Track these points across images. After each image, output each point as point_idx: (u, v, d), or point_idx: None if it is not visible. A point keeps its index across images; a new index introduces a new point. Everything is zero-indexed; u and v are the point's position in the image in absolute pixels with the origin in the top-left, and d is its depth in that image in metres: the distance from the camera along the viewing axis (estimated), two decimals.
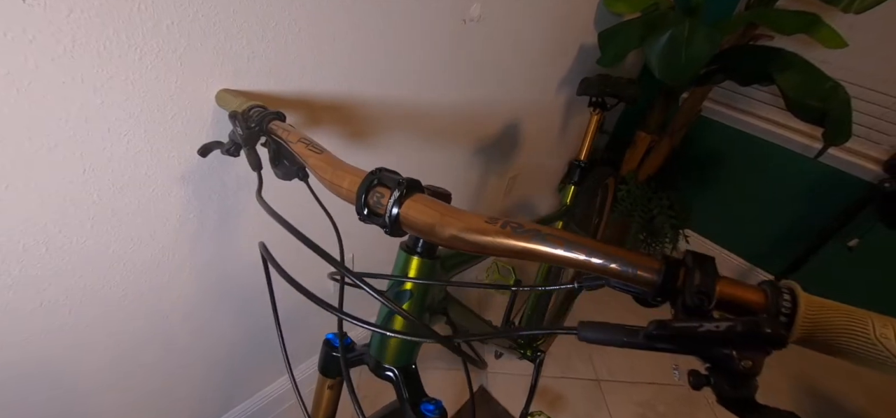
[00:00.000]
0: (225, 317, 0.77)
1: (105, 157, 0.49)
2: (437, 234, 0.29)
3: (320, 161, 0.36)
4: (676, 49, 1.02)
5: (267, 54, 0.57)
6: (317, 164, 0.36)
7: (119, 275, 0.58)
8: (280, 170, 0.45)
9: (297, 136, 0.39)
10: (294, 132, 0.41)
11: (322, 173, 0.36)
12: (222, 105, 0.53)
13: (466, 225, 0.28)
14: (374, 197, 0.32)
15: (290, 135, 0.40)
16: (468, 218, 0.28)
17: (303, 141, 0.39)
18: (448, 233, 0.28)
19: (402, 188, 0.31)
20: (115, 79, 0.46)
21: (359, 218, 0.33)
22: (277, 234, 0.37)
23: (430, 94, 0.85)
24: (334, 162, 0.36)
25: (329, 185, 0.36)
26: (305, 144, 0.38)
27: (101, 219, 0.53)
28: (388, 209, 0.30)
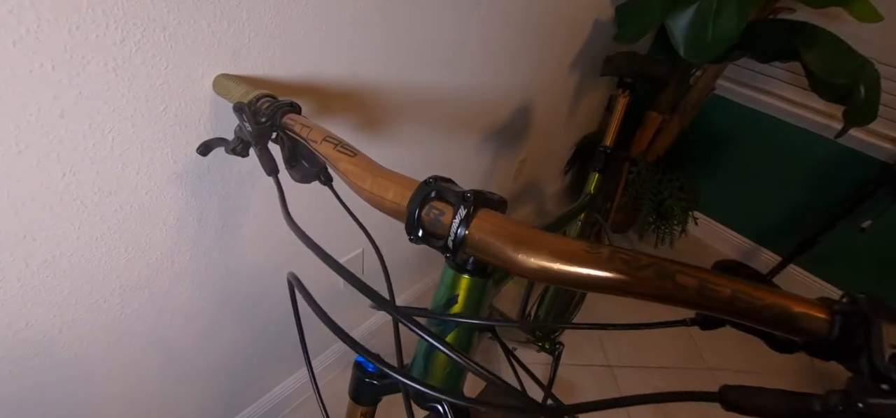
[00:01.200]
0: (228, 322, 0.71)
1: (87, 158, 0.42)
2: (517, 264, 0.23)
3: (355, 167, 0.30)
4: (703, 24, 0.96)
5: (270, 33, 0.49)
6: (350, 171, 0.30)
7: (114, 285, 0.52)
8: (297, 172, 0.38)
9: (322, 134, 0.33)
10: (317, 128, 0.34)
11: (358, 182, 0.30)
12: (221, 93, 0.45)
13: (559, 253, 0.23)
14: (431, 214, 0.26)
15: (312, 133, 0.34)
16: (559, 244, 0.23)
17: (330, 140, 0.32)
18: (534, 264, 0.23)
19: (468, 204, 0.25)
20: (92, 65, 0.38)
21: (410, 238, 0.27)
22: (283, 234, 0.30)
23: (440, 78, 0.78)
24: (373, 167, 0.30)
25: (367, 196, 0.29)
26: (333, 144, 0.32)
27: (88, 228, 0.46)
28: (453, 230, 0.25)
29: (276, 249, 0.70)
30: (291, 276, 0.31)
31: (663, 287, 0.20)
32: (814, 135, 1.40)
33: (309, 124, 0.35)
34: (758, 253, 1.65)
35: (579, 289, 0.23)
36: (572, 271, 0.22)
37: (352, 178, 0.30)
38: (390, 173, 0.29)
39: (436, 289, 0.36)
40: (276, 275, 0.73)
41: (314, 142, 0.33)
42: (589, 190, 0.85)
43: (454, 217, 0.25)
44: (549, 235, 0.24)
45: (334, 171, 0.32)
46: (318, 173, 0.37)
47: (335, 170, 0.32)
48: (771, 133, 1.49)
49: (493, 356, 1.25)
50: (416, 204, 0.26)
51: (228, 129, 0.51)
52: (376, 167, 0.30)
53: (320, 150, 0.33)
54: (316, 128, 0.34)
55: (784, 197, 1.52)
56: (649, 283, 0.21)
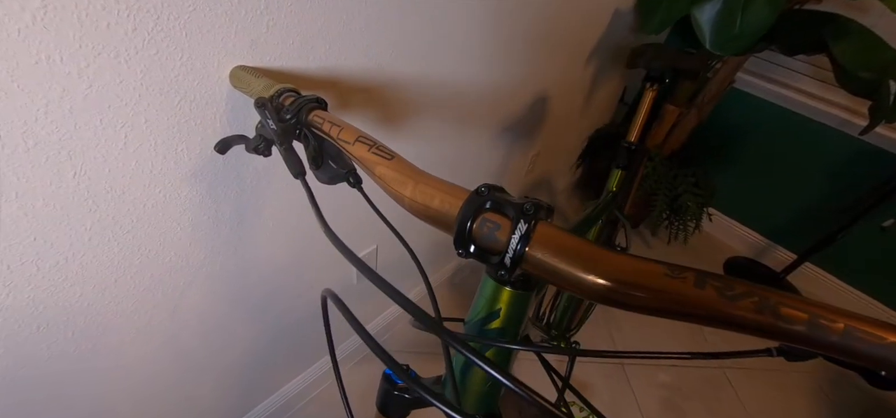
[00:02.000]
0: (240, 320, 0.70)
1: (99, 156, 0.40)
2: (583, 285, 0.21)
3: (394, 172, 0.28)
4: (731, 15, 0.92)
5: (289, 21, 0.46)
6: (389, 176, 0.28)
7: (127, 287, 0.50)
8: (323, 173, 0.36)
9: (354, 134, 0.30)
10: (348, 127, 0.31)
11: (399, 189, 0.27)
12: (238, 86, 0.43)
13: (634, 275, 0.20)
14: (485, 227, 0.24)
15: (343, 133, 0.31)
16: (634, 265, 0.20)
17: (364, 141, 0.30)
18: (602, 286, 0.21)
19: (529, 217, 0.22)
20: (103, 56, 0.36)
21: (458, 253, 0.25)
22: (298, 230, 0.28)
23: (458, 69, 0.75)
24: (414, 173, 0.27)
25: (408, 204, 0.27)
26: (367, 145, 0.29)
27: (100, 230, 0.43)
28: (512, 247, 0.22)
29: (289, 247, 0.68)
30: (328, 293, 0.28)
31: (763, 322, 0.18)
32: (834, 130, 1.36)
33: (339, 122, 0.32)
34: (771, 250, 1.62)
35: (657, 316, 0.21)
36: (650, 297, 0.20)
37: (391, 184, 0.27)
38: (434, 179, 0.27)
39: (474, 301, 0.34)
40: (288, 273, 0.71)
41: (346, 143, 0.31)
42: (611, 187, 0.82)
43: (513, 232, 0.22)
44: (619, 255, 0.21)
45: (368, 175, 0.30)
46: (347, 175, 0.35)
47: (370, 174, 0.29)
48: (789, 128, 1.45)
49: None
50: (468, 215, 0.24)
51: (244, 125, 0.48)
52: (418, 172, 0.27)
53: (353, 152, 0.30)
54: (347, 127, 0.31)
55: (800, 193, 1.49)
56: (746, 316, 0.18)
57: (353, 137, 0.30)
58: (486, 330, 0.33)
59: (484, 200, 0.24)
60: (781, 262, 1.54)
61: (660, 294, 0.20)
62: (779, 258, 1.58)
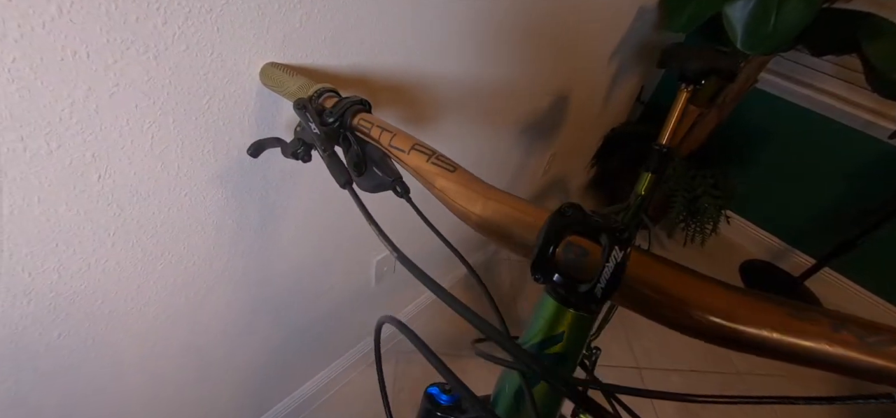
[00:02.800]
0: (261, 323, 0.68)
1: (125, 158, 0.37)
2: (688, 322, 0.19)
3: (458, 185, 0.25)
4: (765, 13, 0.88)
5: (323, 14, 0.43)
6: (453, 190, 0.25)
7: (150, 293, 0.48)
8: (367, 180, 0.33)
9: (409, 142, 0.28)
10: (401, 134, 0.29)
11: (465, 205, 0.25)
12: (270, 85, 0.40)
13: (753, 314, 0.18)
14: (571, 253, 0.21)
15: (395, 140, 0.28)
16: (751, 303, 0.18)
17: (421, 150, 0.27)
18: (710, 324, 0.18)
19: (624, 243, 0.20)
20: (131, 52, 0.33)
21: (535, 278, 0.22)
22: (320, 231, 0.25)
23: (484, 69, 0.72)
24: (482, 188, 0.25)
25: (476, 222, 0.25)
26: (425, 155, 0.27)
27: (123, 235, 0.41)
28: (604, 276, 0.20)
29: (311, 248, 0.65)
30: (389, 320, 0.26)
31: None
32: (858, 132, 1.33)
33: (389, 128, 0.30)
34: (789, 254, 1.59)
35: (776, 359, 0.19)
36: (772, 341, 0.18)
37: (455, 200, 0.25)
38: (507, 196, 0.24)
39: (531, 322, 0.32)
40: (308, 274, 0.69)
41: (399, 151, 0.28)
42: (640, 191, 0.79)
43: (605, 259, 0.20)
44: (732, 289, 0.19)
45: (425, 187, 0.27)
46: (393, 183, 0.32)
47: (428, 186, 0.27)
48: (811, 129, 1.42)
49: None
50: (551, 238, 0.21)
51: (272, 124, 0.46)
52: (486, 187, 0.25)
53: (408, 162, 0.27)
54: (400, 133, 0.29)
55: (821, 197, 1.46)
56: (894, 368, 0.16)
57: (408, 145, 0.28)
58: (544, 355, 0.31)
59: (569, 222, 0.22)
60: (799, 267, 1.51)
61: (784, 338, 0.17)
62: (797, 263, 1.55)
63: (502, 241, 0.24)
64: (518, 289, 1.43)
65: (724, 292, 0.19)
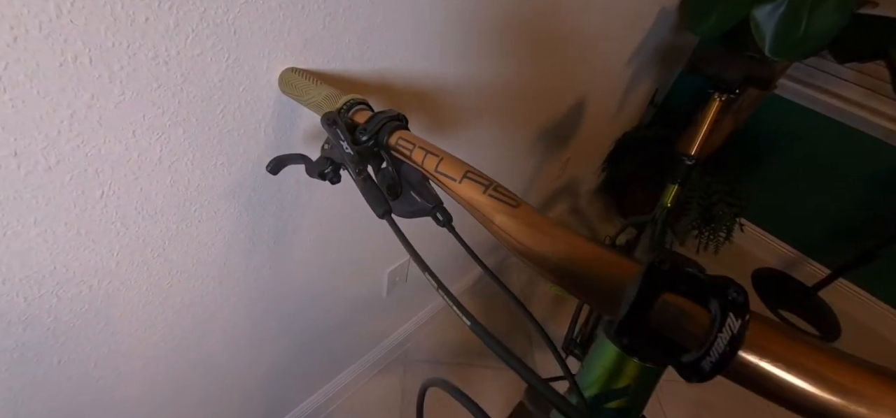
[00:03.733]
0: (270, 337, 0.64)
1: (130, 173, 0.34)
2: (833, 414, 0.15)
3: (523, 225, 0.22)
4: (796, 18, 0.85)
5: (348, 17, 0.39)
6: (516, 230, 0.22)
7: (155, 315, 0.44)
8: (402, 204, 0.30)
9: (461, 168, 0.24)
10: (449, 158, 0.25)
11: (534, 246, 0.21)
12: (290, 92, 0.37)
13: None
14: (668, 313, 0.18)
15: (444, 165, 0.25)
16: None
17: (476, 179, 0.24)
18: None
19: (741, 309, 0.17)
20: (140, 57, 0.29)
21: (622, 343, 0.19)
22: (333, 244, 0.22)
23: (508, 73, 0.68)
24: (554, 229, 0.21)
25: (549, 268, 0.21)
26: (481, 185, 0.23)
27: (128, 254, 0.38)
28: (716, 349, 0.17)
29: (323, 261, 0.62)
30: (438, 382, 0.23)
31: None
32: (879, 141, 1.29)
33: (435, 150, 0.26)
34: (802, 264, 1.56)
35: None
36: None
37: (521, 240, 0.22)
38: (585, 240, 0.21)
39: (586, 367, 0.29)
40: (319, 287, 0.66)
41: (448, 179, 0.24)
42: (665, 203, 0.76)
43: (717, 329, 0.17)
44: (881, 373, 0.16)
45: (480, 221, 0.24)
46: (434, 209, 0.29)
47: (485, 222, 0.23)
48: (829, 136, 1.38)
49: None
50: (646, 295, 0.18)
51: (289, 136, 0.42)
52: (558, 227, 0.21)
53: (461, 194, 0.24)
54: (448, 157, 0.25)
55: (838, 206, 1.43)
56: None
57: (460, 173, 0.24)
58: (604, 411, 0.27)
59: (668, 277, 0.18)
60: (813, 277, 1.48)
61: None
62: (810, 273, 1.52)
63: (581, 291, 0.20)
64: (527, 296, 1.40)
65: (871, 376, 0.15)
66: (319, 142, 0.46)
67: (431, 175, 0.26)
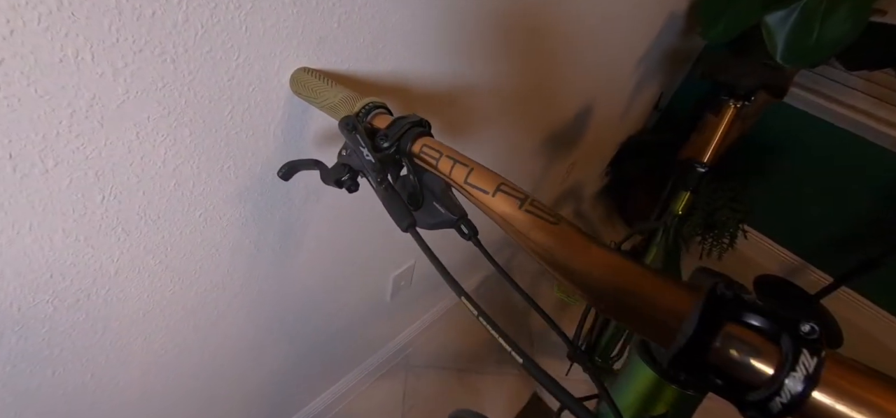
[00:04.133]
0: (273, 344, 0.62)
1: (133, 177, 0.32)
2: None
3: (564, 245, 0.20)
4: (807, 25, 0.84)
5: (364, 15, 0.38)
6: (557, 250, 0.20)
7: (156, 323, 0.42)
8: (425, 215, 0.28)
9: (494, 180, 0.23)
10: (480, 169, 0.24)
11: (576, 266, 0.19)
12: (302, 93, 0.35)
13: None
14: (731, 348, 0.16)
15: (474, 176, 0.23)
16: None
17: (510, 192, 0.22)
18: None
19: (815, 346, 0.15)
20: (145, 54, 0.28)
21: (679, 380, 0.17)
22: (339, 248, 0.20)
23: (518, 75, 0.66)
24: (601, 251, 0.19)
25: (592, 290, 0.20)
26: (517, 199, 0.21)
27: (129, 260, 0.36)
28: (788, 389, 0.15)
29: (330, 266, 0.60)
30: (467, 415, 0.21)
31: None
32: (885, 150, 1.29)
33: (464, 160, 0.24)
34: (804, 271, 1.56)
35: None
36: None
37: (563, 260, 0.20)
38: (636, 264, 0.19)
39: (617, 388, 0.27)
40: (323, 292, 0.64)
41: (480, 192, 0.23)
42: (677, 210, 0.75)
43: (789, 367, 0.15)
44: None
45: (514, 238, 0.22)
46: (458, 221, 0.27)
47: (520, 239, 0.22)
48: (835, 144, 1.38)
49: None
50: (705, 326, 0.16)
51: (299, 139, 0.40)
52: (603, 249, 0.20)
53: (494, 208, 0.22)
54: (479, 168, 0.24)
55: (842, 214, 1.42)
56: None
57: (493, 185, 0.22)
58: None
59: (729, 306, 0.17)
60: (815, 285, 1.47)
61: None
62: (812, 280, 1.52)
63: (631, 320, 0.19)
64: None
65: None
66: (332, 146, 0.44)
67: (460, 187, 0.24)
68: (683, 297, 0.18)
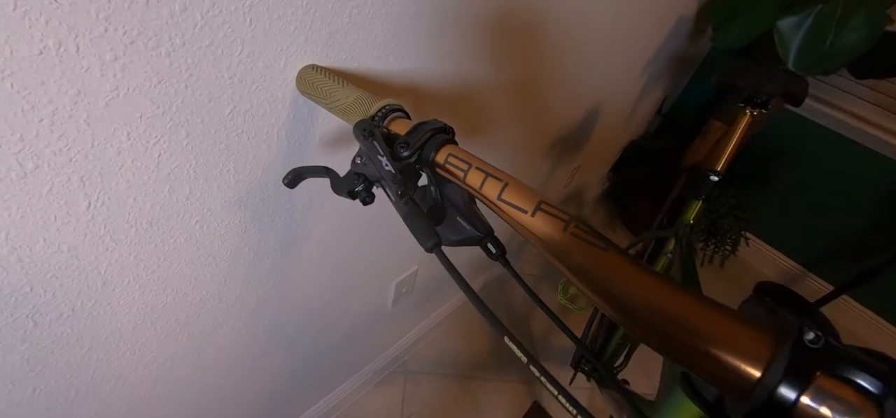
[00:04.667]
0: (270, 354, 0.60)
1: (123, 181, 0.29)
2: None
3: (612, 272, 0.17)
4: (822, 32, 0.82)
5: (376, 10, 0.35)
6: (601, 275, 0.18)
7: (146, 336, 0.39)
8: (447, 230, 0.26)
9: (533, 199, 0.20)
10: (518, 184, 0.21)
11: (627, 298, 0.17)
12: (310, 93, 0.32)
13: None
14: (827, 404, 0.14)
15: (512, 193, 0.21)
16: None
17: (553, 212, 0.19)
18: None
19: None
20: (138, 46, 0.25)
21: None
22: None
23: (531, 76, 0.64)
24: (655, 283, 0.17)
25: (632, 324, 0.17)
26: (561, 221, 0.19)
27: (118, 272, 0.33)
28: None
29: (331, 274, 0.57)
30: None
31: None
32: (888, 160, 1.29)
33: (497, 173, 0.22)
34: (804, 279, 1.56)
35: None
36: None
37: (610, 288, 0.17)
38: (693, 297, 0.17)
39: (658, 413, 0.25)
40: (323, 301, 0.61)
41: (518, 212, 0.20)
42: (688, 220, 0.73)
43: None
44: None
45: (555, 264, 0.20)
46: (484, 239, 0.25)
47: (559, 261, 0.19)
48: (839, 153, 1.37)
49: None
50: (792, 379, 0.14)
51: (304, 141, 0.38)
52: (662, 281, 0.17)
53: (534, 230, 0.20)
54: (516, 184, 0.21)
55: (844, 223, 1.42)
56: None
57: (532, 204, 0.20)
58: None
59: (820, 357, 0.14)
60: (815, 293, 1.47)
61: None
62: (813, 288, 1.52)
63: (673, 350, 0.16)
64: (530, 305, 1.36)
65: None
66: (340, 151, 0.42)
67: (491, 203, 0.21)
68: (758, 339, 0.16)
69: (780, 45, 0.85)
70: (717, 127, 1.36)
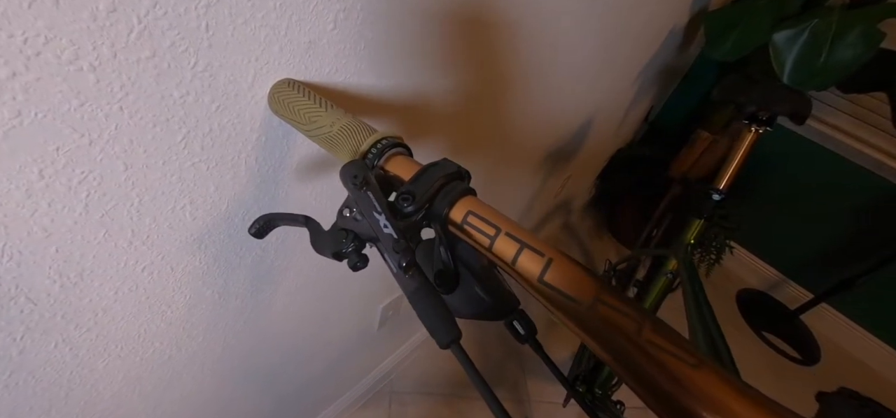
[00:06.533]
0: (246, 397, 0.53)
1: (37, 229, 0.22)
2: None
3: (705, 395, 0.13)
4: (816, 47, 0.81)
5: (366, 14, 0.29)
6: (693, 400, 0.13)
7: (82, 401, 0.32)
8: (461, 301, 0.20)
9: (592, 288, 0.15)
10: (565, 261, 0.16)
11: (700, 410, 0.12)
12: (284, 114, 0.26)
13: None
14: None
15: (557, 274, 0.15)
16: None
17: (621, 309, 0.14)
18: None
19: None
20: (44, 58, 0.18)
21: None
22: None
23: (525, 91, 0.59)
24: (741, 391, 0.13)
25: None
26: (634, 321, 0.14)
27: (40, 334, 0.26)
28: None
29: (314, 305, 0.51)
30: None
31: None
32: (867, 171, 1.32)
33: (539, 246, 0.16)
34: (785, 286, 1.59)
35: None
36: None
37: (702, 412, 0.13)
38: (755, 397, 0.12)
39: None
40: (303, 337, 0.55)
41: (569, 301, 0.15)
42: (688, 239, 0.70)
43: None
44: None
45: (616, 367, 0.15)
46: (511, 314, 0.20)
47: (628, 375, 0.14)
48: (819, 164, 1.40)
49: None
50: None
51: (280, 169, 0.32)
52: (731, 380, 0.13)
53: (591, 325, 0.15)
54: (563, 260, 0.16)
55: (824, 232, 1.45)
56: None
57: (590, 293, 0.15)
58: None
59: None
60: (795, 300, 1.50)
61: None
62: (793, 295, 1.55)
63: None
64: None
65: None
66: (324, 179, 0.36)
67: (532, 285, 0.16)
68: None
69: (775, 59, 0.84)
70: (704, 136, 1.36)
